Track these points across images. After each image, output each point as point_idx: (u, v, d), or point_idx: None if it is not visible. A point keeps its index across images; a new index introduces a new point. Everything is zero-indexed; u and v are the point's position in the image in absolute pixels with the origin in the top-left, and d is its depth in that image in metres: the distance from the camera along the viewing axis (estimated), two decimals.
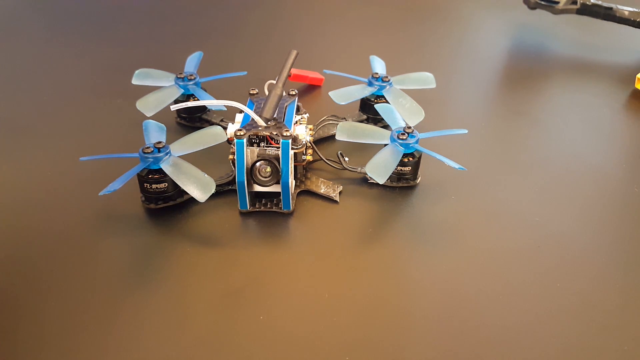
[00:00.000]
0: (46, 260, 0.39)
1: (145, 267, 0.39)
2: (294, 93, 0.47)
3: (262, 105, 0.44)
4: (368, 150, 0.46)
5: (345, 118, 0.53)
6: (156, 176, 0.42)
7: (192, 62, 0.55)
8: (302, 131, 0.44)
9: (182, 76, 0.52)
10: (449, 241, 0.42)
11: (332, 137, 0.50)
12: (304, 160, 0.45)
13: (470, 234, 0.43)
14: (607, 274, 0.40)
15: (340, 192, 0.46)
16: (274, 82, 0.46)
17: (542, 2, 0.71)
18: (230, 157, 0.43)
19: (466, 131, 0.47)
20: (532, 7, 0.72)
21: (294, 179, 0.46)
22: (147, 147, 0.42)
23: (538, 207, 0.45)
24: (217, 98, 0.48)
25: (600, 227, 0.44)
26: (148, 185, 0.43)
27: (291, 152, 0.41)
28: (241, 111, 0.44)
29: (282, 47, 0.68)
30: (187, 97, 0.52)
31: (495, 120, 0.57)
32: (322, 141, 0.52)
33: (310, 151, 0.46)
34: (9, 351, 0.34)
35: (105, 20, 0.75)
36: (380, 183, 0.42)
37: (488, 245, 0.42)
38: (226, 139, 0.44)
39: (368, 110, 0.53)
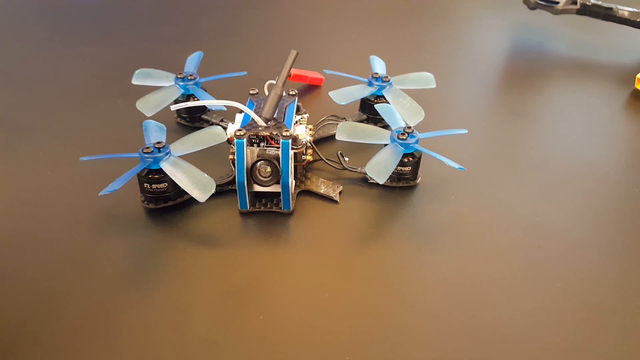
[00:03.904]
0: (46, 260, 0.39)
1: (145, 267, 0.39)
2: (294, 93, 0.47)
3: (262, 105, 0.44)
4: (368, 150, 0.46)
5: (345, 118, 0.53)
6: (156, 176, 0.42)
7: (192, 62, 0.55)
8: (302, 131, 0.44)
9: (182, 76, 0.52)
10: (449, 241, 0.42)
11: (332, 137, 0.50)
12: (304, 160, 0.45)
13: (470, 233, 0.43)
14: (607, 273, 0.40)
15: (340, 192, 0.46)
16: (274, 82, 0.46)
17: (542, 2, 0.71)
18: (230, 157, 0.43)
19: (466, 131, 0.47)
20: (532, 7, 0.72)
21: (294, 179, 0.46)
22: (147, 147, 0.42)
23: (538, 207, 0.45)
24: (217, 98, 0.48)
25: (600, 227, 0.44)
26: (148, 185, 0.43)
27: (291, 152, 0.41)
28: (241, 111, 0.44)
29: (281, 47, 0.68)
30: (187, 97, 0.52)
31: (495, 120, 0.57)
32: (322, 141, 0.52)
33: (310, 151, 0.46)
34: (9, 351, 0.34)
35: (105, 21, 0.75)
36: (380, 183, 0.42)
37: (488, 245, 0.42)
38: (226, 139, 0.44)
39: (368, 110, 0.53)
